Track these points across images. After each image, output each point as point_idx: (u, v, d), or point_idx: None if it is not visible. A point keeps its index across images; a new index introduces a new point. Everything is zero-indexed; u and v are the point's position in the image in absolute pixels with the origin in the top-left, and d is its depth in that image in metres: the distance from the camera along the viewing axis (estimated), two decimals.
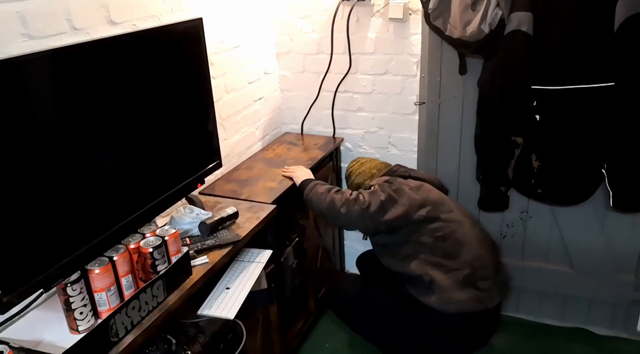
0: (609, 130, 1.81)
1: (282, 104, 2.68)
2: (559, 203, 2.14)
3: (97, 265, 1.28)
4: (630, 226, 2.13)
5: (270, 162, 2.33)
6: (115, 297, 1.33)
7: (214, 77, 1.97)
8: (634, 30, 1.65)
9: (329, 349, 2.35)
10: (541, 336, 2.38)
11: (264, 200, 1.94)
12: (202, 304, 1.54)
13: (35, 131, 1.13)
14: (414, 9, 2.22)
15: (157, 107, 1.51)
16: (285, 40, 2.51)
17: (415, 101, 2.37)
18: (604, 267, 2.23)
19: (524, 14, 1.77)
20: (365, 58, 2.40)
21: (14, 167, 1.08)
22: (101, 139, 1.30)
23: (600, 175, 1.90)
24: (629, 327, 2.32)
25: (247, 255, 1.76)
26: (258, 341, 1.92)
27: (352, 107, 2.53)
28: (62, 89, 1.18)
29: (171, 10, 1.79)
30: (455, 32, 1.95)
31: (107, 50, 1.31)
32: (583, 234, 2.21)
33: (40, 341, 1.24)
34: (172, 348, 1.42)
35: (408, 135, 2.47)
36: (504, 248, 2.39)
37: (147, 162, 1.48)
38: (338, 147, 2.59)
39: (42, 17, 1.31)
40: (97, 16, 1.49)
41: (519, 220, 2.32)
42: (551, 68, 1.81)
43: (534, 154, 1.96)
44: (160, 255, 1.40)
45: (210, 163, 1.79)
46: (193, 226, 1.67)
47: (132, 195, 1.43)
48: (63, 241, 1.22)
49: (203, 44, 1.67)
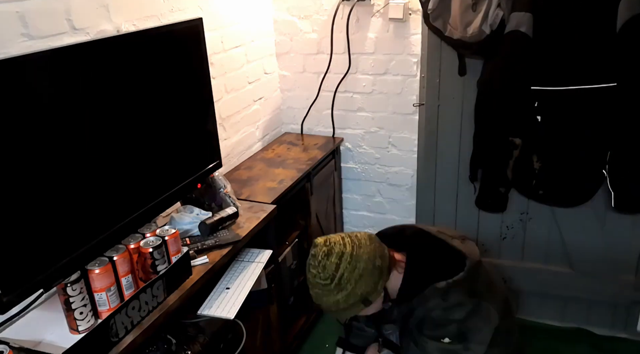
0: (610, 130, 1.81)
1: (282, 104, 2.68)
2: (560, 204, 2.14)
3: (97, 265, 1.28)
4: (630, 226, 2.13)
5: (270, 162, 2.33)
6: (115, 297, 1.32)
7: (214, 77, 1.97)
8: (636, 31, 1.65)
9: (329, 349, 2.34)
10: (541, 336, 2.37)
11: (264, 200, 1.94)
12: (202, 304, 1.54)
13: (36, 131, 1.13)
14: (414, 9, 2.22)
15: (157, 107, 1.51)
16: (285, 40, 2.51)
17: (414, 102, 2.37)
18: (604, 268, 2.23)
19: (524, 14, 1.77)
20: (365, 58, 2.40)
21: (14, 167, 1.08)
22: (101, 139, 1.30)
23: (602, 176, 1.90)
24: (629, 327, 2.31)
25: (247, 255, 1.76)
26: (258, 341, 1.92)
27: (352, 107, 2.53)
28: (62, 89, 1.18)
29: (171, 10, 1.79)
30: (455, 33, 1.95)
31: (107, 50, 1.30)
32: (583, 235, 2.21)
33: (40, 341, 1.24)
34: (172, 348, 1.42)
35: (408, 135, 2.47)
36: (504, 250, 2.39)
37: (147, 162, 1.48)
38: (338, 147, 2.59)
39: (42, 17, 1.31)
40: (97, 16, 1.49)
41: (518, 221, 2.32)
42: (553, 69, 1.81)
43: (535, 155, 1.96)
44: (160, 255, 1.39)
45: (210, 163, 1.79)
46: (193, 226, 1.67)
47: (132, 195, 1.43)
48: (63, 241, 1.21)
49: (203, 44, 1.67)
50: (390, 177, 2.60)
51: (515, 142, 1.97)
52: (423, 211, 2.50)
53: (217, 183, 1.81)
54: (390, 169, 2.59)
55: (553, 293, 2.37)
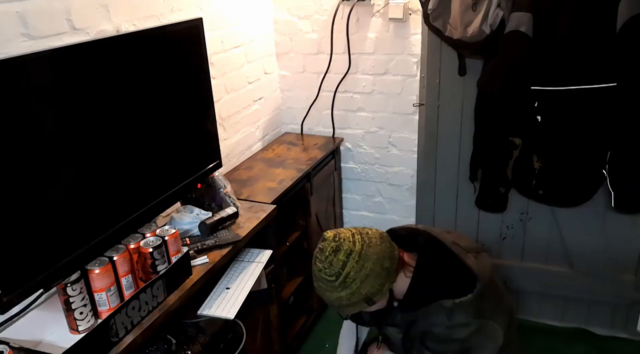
0: (611, 130, 1.81)
1: (282, 104, 2.68)
2: (560, 204, 2.14)
3: (97, 265, 1.28)
4: (630, 226, 2.13)
5: (270, 162, 2.33)
6: (115, 297, 1.32)
7: (214, 77, 1.97)
8: (636, 31, 1.65)
9: (329, 349, 2.34)
10: (541, 336, 2.37)
11: (264, 200, 1.94)
12: (202, 304, 1.54)
13: (35, 131, 1.13)
14: (414, 9, 2.22)
15: (157, 107, 1.51)
16: (285, 40, 2.51)
17: (414, 102, 2.37)
18: (604, 268, 2.23)
19: (523, 14, 1.77)
20: (365, 58, 2.40)
21: (14, 167, 1.08)
22: (101, 139, 1.30)
23: (602, 176, 1.90)
24: (629, 327, 2.31)
25: (247, 255, 1.76)
26: (258, 341, 1.92)
27: (352, 107, 2.53)
28: (62, 89, 1.18)
29: (171, 10, 1.79)
30: (455, 33, 1.95)
31: (107, 50, 1.31)
32: (583, 235, 2.21)
33: (40, 341, 1.24)
34: (172, 348, 1.42)
35: (408, 135, 2.47)
36: (504, 250, 2.39)
37: (147, 162, 1.48)
38: (338, 147, 2.59)
39: (42, 17, 1.31)
40: (97, 16, 1.49)
41: (518, 221, 2.32)
42: (553, 69, 1.81)
43: (535, 155, 1.96)
44: (160, 255, 1.39)
45: (210, 163, 1.79)
46: (193, 226, 1.67)
47: (132, 195, 1.43)
48: (63, 241, 1.21)
49: (203, 44, 1.67)
50: (390, 177, 2.60)
51: (515, 142, 1.97)
52: (423, 211, 2.50)
53: (217, 183, 1.81)
54: (390, 169, 2.59)
55: (553, 293, 2.37)
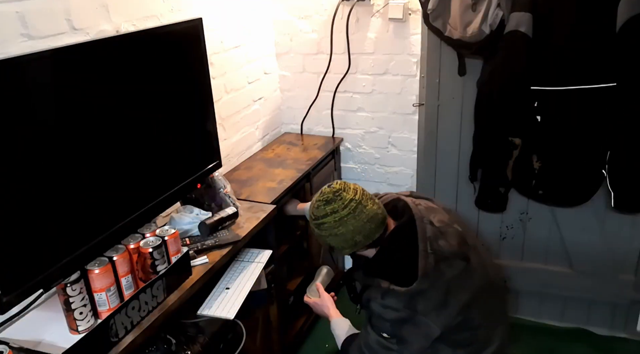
0: (610, 130, 1.81)
1: (281, 104, 2.68)
2: (560, 204, 2.14)
3: (97, 265, 1.28)
4: (630, 226, 2.13)
5: (270, 162, 2.33)
6: (115, 297, 1.32)
7: (214, 77, 1.97)
8: (636, 31, 1.65)
9: (329, 349, 2.34)
10: (541, 336, 2.37)
11: (264, 200, 1.94)
12: (202, 304, 1.54)
13: (35, 131, 1.13)
14: (413, 9, 2.22)
15: (157, 107, 1.51)
16: (285, 40, 2.51)
17: (414, 102, 2.37)
18: (604, 267, 2.23)
19: (523, 14, 1.77)
20: (365, 58, 2.40)
21: (14, 167, 1.08)
22: (101, 139, 1.30)
23: (601, 175, 1.90)
24: (629, 327, 2.31)
25: (247, 255, 1.76)
26: (258, 341, 1.92)
27: (351, 107, 2.53)
28: (62, 89, 1.18)
29: (171, 10, 1.79)
30: (455, 33, 1.95)
31: (106, 50, 1.31)
32: (583, 235, 2.21)
33: (40, 341, 1.24)
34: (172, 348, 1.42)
35: (408, 135, 2.47)
36: (503, 250, 2.39)
37: (146, 162, 1.48)
38: (338, 147, 2.59)
39: (42, 17, 1.31)
40: (97, 16, 1.49)
41: (518, 221, 2.32)
42: (553, 69, 1.81)
43: (535, 155, 1.96)
44: (160, 255, 1.40)
45: (210, 163, 1.79)
46: (193, 226, 1.67)
47: (131, 195, 1.43)
48: (63, 241, 1.21)
49: (203, 44, 1.67)
50: (390, 177, 2.60)
51: (515, 142, 1.97)
52: None
53: (217, 183, 1.81)
54: (390, 169, 2.59)
55: (553, 293, 2.37)
